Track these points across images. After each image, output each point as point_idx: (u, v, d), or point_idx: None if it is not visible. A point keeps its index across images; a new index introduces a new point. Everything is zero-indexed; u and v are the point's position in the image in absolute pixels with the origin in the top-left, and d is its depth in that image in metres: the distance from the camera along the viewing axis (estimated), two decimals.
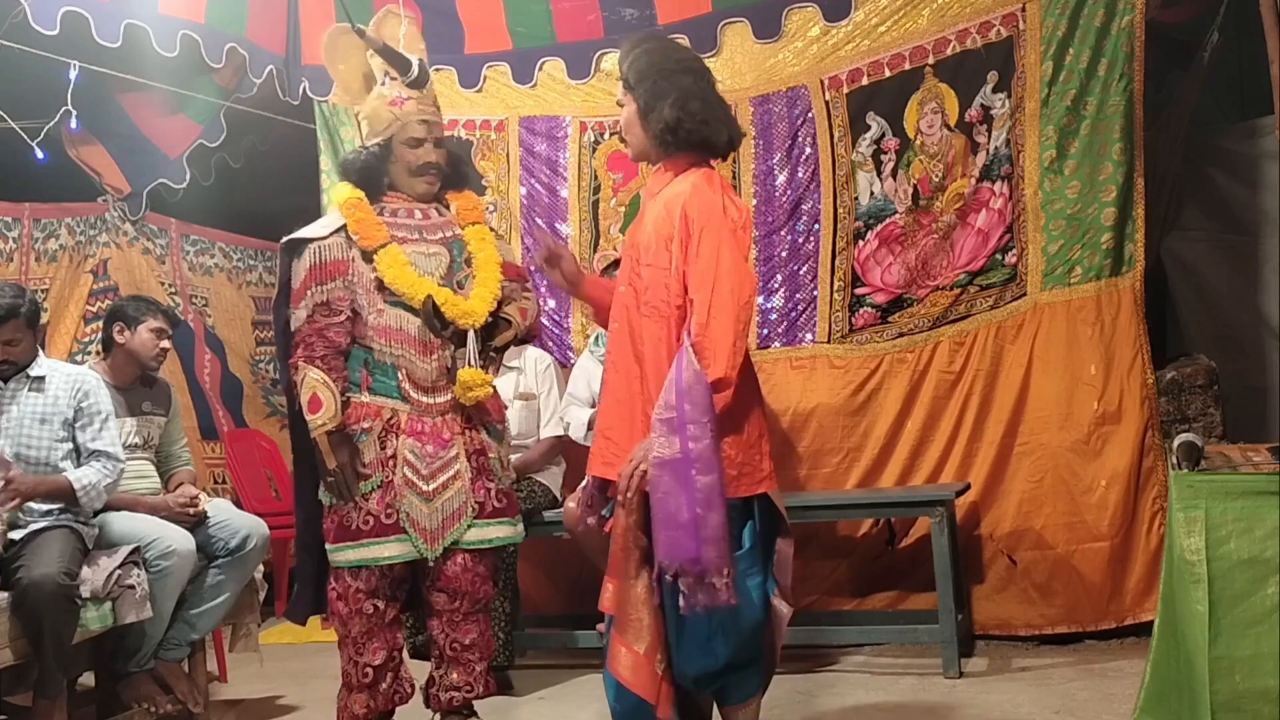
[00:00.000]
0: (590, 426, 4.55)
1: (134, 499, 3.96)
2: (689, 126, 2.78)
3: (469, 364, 3.40)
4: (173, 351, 6.32)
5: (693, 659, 2.73)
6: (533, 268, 4.44)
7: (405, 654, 3.58)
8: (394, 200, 3.53)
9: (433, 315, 3.39)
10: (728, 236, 2.68)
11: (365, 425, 3.39)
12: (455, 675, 3.48)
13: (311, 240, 3.46)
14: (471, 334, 3.40)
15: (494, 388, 3.50)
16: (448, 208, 3.61)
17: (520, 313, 3.55)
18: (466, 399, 3.40)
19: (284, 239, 3.52)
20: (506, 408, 3.78)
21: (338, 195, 3.52)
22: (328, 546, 3.41)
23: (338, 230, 3.45)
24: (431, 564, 3.40)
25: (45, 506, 3.65)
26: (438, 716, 3.55)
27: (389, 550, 3.36)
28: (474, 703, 3.53)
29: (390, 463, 3.37)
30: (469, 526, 3.41)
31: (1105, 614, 4.26)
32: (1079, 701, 3.62)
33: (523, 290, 3.65)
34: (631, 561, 2.74)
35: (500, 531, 3.49)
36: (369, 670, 3.40)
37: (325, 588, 3.48)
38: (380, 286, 3.39)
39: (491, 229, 3.65)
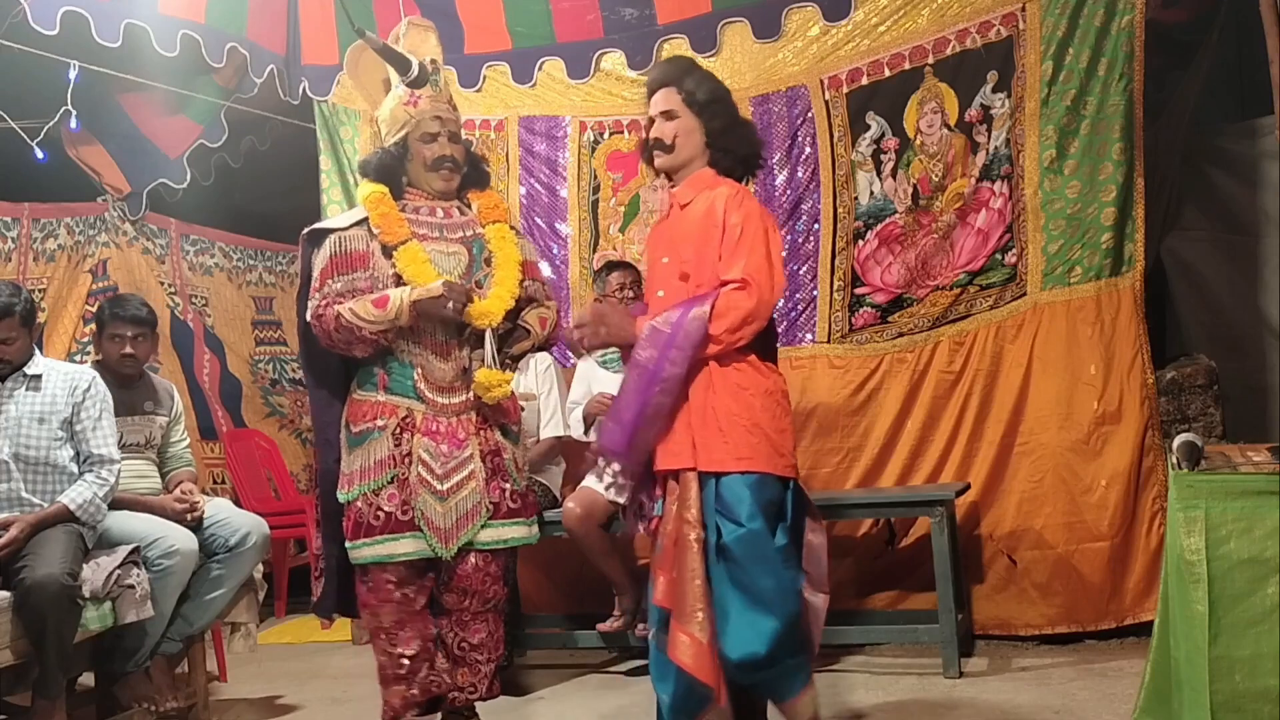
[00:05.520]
0: (590, 424, 4.57)
1: (134, 498, 3.96)
2: (760, 154, 3.15)
3: (486, 364, 3.39)
4: (172, 352, 6.37)
5: (739, 641, 2.74)
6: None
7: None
8: (415, 198, 3.52)
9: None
10: (762, 236, 2.91)
11: (380, 424, 3.38)
12: (460, 675, 3.47)
13: (332, 231, 3.46)
14: (489, 334, 3.38)
15: (512, 389, 3.50)
16: (470, 206, 3.60)
17: (540, 321, 3.53)
18: (487, 399, 3.38)
19: (305, 229, 3.52)
20: (523, 409, 3.77)
21: (362, 190, 3.52)
22: (347, 543, 3.40)
23: (359, 223, 3.45)
24: (446, 563, 3.40)
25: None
26: (438, 716, 3.55)
27: (404, 546, 3.35)
28: (475, 704, 3.53)
29: (405, 460, 3.36)
30: (483, 527, 3.40)
31: (1105, 614, 4.26)
32: (1079, 701, 3.62)
33: (545, 293, 3.64)
34: (687, 553, 2.81)
35: (515, 532, 3.48)
36: (404, 661, 3.38)
37: (350, 585, 3.46)
38: (399, 283, 3.37)
39: (512, 228, 3.63)
